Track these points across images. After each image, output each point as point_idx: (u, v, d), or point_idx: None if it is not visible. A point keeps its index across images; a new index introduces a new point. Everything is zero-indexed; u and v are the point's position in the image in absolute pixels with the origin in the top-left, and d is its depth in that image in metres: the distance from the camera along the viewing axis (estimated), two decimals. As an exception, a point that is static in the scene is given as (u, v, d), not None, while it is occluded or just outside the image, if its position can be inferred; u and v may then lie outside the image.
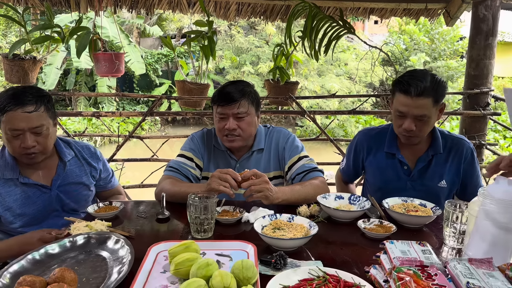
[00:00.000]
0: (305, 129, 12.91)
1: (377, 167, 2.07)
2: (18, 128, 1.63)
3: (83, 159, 1.96)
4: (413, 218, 1.60)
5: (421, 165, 1.97)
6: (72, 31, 2.90)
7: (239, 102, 1.91)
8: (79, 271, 1.21)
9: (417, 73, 1.81)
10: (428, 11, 3.45)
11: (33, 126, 1.65)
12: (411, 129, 1.82)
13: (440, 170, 1.96)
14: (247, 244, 1.34)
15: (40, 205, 1.79)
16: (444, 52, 13.82)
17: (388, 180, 2.03)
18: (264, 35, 14.35)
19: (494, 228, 1.20)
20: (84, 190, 1.93)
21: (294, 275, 1.15)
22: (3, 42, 10.78)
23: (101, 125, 11.30)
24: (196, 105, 3.27)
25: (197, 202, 1.47)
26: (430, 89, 1.75)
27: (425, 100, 1.76)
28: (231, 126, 1.91)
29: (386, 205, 1.69)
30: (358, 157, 2.16)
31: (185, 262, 1.16)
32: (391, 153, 2.02)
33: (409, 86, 1.76)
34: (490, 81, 3.18)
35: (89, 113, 3.34)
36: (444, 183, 1.96)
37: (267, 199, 1.66)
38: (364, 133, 2.17)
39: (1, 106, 1.62)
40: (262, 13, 3.48)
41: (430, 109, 1.79)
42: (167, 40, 3.23)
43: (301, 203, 1.77)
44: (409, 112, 1.80)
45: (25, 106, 1.63)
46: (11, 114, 1.61)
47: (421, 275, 1.03)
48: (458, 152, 1.96)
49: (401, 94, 1.80)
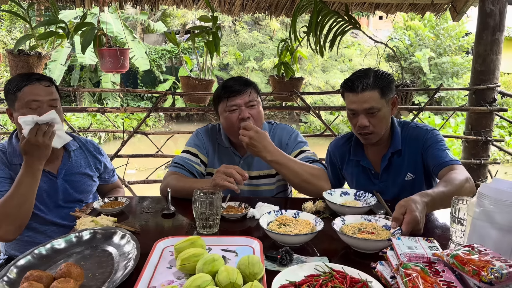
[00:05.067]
0: (309, 125, 12.89)
1: (351, 174, 2.08)
2: (38, 99, 1.70)
3: (87, 151, 2.00)
4: (361, 242, 1.32)
5: (384, 165, 1.97)
6: (77, 26, 2.90)
7: (249, 90, 1.93)
8: (85, 266, 1.22)
9: (360, 71, 1.88)
10: (434, 6, 3.42)
11: (51, 98, 1.75)
12: (365, 124, 1.84)
13: (401, 164, 1.95)
14: (253, 240, 1.34)
15: (47, 190, 1.82)
16: (449, 48, 13.72)
17: (363, 186, 2.01)
18: (268, 31, 14.30)
19: (492, 229, 1.18)
20: (88, 180, 1.96)
21: (300, 271, 1.14)
22: (7, 38, 10.80)
23: (106, 121, 11.33)
24: (200, 101, 3.27)
25: (203, 197, 1.46)
26: (373, 82, 1.81)
27: (370, 93, 1.81)
28: (245, 114, 1.89)
29: (341, 223, 1.44)
30: (335, 167, 2.16)
31: (191, 258, 1.16)
32: (357, 159, 2.03)
33: (353, 84, 1.83)
34: (496, 77, 3.15)
35: (94, 109, 3.35)
36: (411, 175, 1.95)
37: (248, 147, 1.80)
38: (334, 144, 2.18)
39: (16, 84, 1.71)
40: (267, 8, 3.47)
41: (378, 101, 1.82)
42: (172, 36, 3.23)
43: (294, 180, 1.81)
44: (358, 108, 1.84)
45: (41, 81, 1.74)
46: (29, 87, 1.70)
47: (429, 271, 1.02)
48: (413, 141, 1.94)
49: (349, 93, 1.86)
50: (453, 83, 12.84)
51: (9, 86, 1.73)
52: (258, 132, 1.77)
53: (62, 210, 1.83)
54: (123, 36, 10.81)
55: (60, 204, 1.85)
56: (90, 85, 13.02)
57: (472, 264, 0.99)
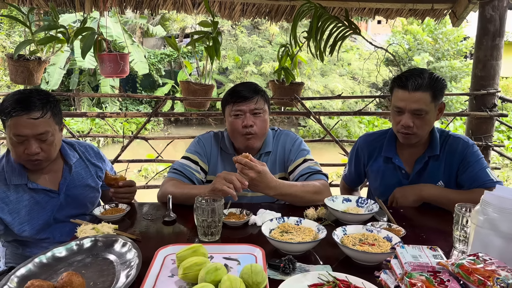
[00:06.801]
0: (307, 129, 12.89)
1: (378, 171, 2.07)
2: (23, 134, 1.58)
3: (87, 160, 1.93)
4: (361, 254, 1.30)
5: (418, 167, 1.96)
6: (77, 31, 2.89)
7: (256, 98, 1.91)
8: (86, 275, 1.21)
9: (415, 70, 1.85)
10: (434, 12, 3.43)
11: (38, 133, 1.60)
12: (409, 124, 1.82)
13: (436, 171, 1.95)
14: (255, 248, 1.33)
15: (49, 210, 1.76)
16: (447, 52, 13.78)
17: (388, 185, 2.02)
18: (267, 35, 14.33)
19: (496, 237, 1.17)
20: (91, 192, 1.91)
21: (304, 280, 1.14)
22: (6, 42, 10.79)
23: (104, 125, 11.31)
24: (201, 106, 3.26)
25: (205, 205, 1.45)
26: (427, 84, 1.78)
27: (422, 94, 1.78)
28: (248, 122, 1.88)
29: (342, 233, 1.43)
30: (360, 163, 2.16)
31: (193, 267, 1.15)
32: (389, 157, 2.02)
33: (407, 81, 1.80)
34: (496, 82, 3.15)
35: (94, 113, 3.34)
36: (442, 184, 1.95)
37: (250, 187, 1.71)
38: (364, 138, 2.17)
39: (7, 111, 1.58)
40: (267, 13, 3.47)
41: (428, 105, 1.80)
42: (172, 41, 3.23)
43: (299, 203, 1.79)
44: (407, 107, 1.81)
45: (30, 112, 1.58)
46: (16, 119, 1.57)
47: (434, 281, 1.01)
48: (451, 151, 1.93)
49: (399, 90, 1.83)
50: (452, 87, 12.87)
51: (2, 107, 1.62)
52: (259, 172, 1.68)
53: (65, 226, 1.76)
54: (122, 40, 10.82)
55: (63, 220, 1.78)
56: (89, 89, 13.00)
57: (478, 274, 0.99)
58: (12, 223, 1.69)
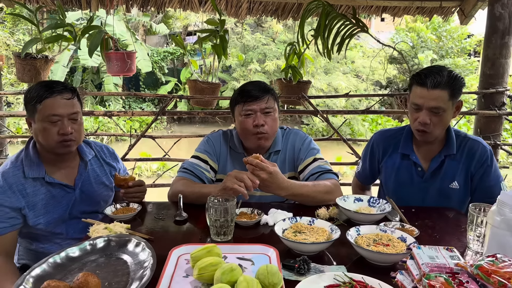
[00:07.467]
0: (311, 127, 12.87)
1: (392, 168, 2.06)
2: (58, 113, 1.66)
3: (102, 159, 1.96)
4: (375, 255, 1.28)
5: (434, 165, 1.95)
6: (84, 30, 2.89)
7: (267, 97, 1.91)
8: (101, 275, 1.20)
9: (434, 67, 1.84)
10: (442, 9, 3.41)
11: (72, 112, 1.70)
12: (426, 122, 1.82)
13: (452, 171, 1.94)
14: (269, 248, 1.32)
15: (64, 205, 1.78)
16: (451, 50, 13.70)
17: (402, 182, 2.02)
18: (271, 33, 14.28)
19: None
20: (105, 190, 1.93)
21: (320, 281, 1.13)
22: (10, 40, 10.79)
23: (108, 123, 11.32)
24: (208, 104, 3.25)
25: (217, 204, 1.45)
26: (446, 82, 1.78)
27: (441, 92, 1.78)
28: (260, 121, 1.88)
29: (356, 233, 1.42)
30: (374, 159, 2.15)
31: (208, 267, 1.14)
32: (406, 154, 2.01)
33: (425, 78, 1.79)
34: (506, 81, 3.13)
35: (101, 112, 3.34)
36: (456, 185, 1.94)
37: (261, 188, 1.70)
38: (380, 134, 2.17)
39: (39, 95, 1.65)
40: (274, 11, 3.45)
41: (446, 103, 1.79)
42: (179, 39, 3.22)
43: (310, 203, 1.78)
44: (425, 104, 1.81)
45: (63, 93, 1.69)
46: (50, 100, 1.65)
47: (452, 282, 1.01)
48: (471, 154, 1.93)
49: (418, 87, 1.83)
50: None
51: (29, 96, 1.68)
52: (271, 173, 1.67)
53: (79, 223, 1.75)
54: (125, 38, 10.81)
55: (77, 216, 1.79)
56: (92, 87, 13.01)
57: (498, 276, 0.98)
58: (28, 215, 1.70)
